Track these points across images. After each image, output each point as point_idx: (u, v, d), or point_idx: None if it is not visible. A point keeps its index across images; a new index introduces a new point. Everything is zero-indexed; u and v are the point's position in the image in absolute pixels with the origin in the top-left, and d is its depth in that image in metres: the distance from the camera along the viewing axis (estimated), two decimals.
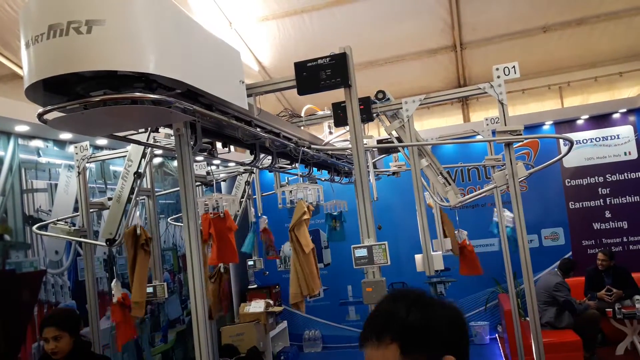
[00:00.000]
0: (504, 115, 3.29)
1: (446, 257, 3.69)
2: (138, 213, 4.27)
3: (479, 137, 5.09)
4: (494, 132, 4.09)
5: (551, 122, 7.10)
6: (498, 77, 3.30)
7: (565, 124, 7.14)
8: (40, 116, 1.95)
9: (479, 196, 3.98)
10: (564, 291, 5.67)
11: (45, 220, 4.08)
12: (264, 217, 5.62)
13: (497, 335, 6.99)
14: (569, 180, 7.12)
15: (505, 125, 3.27)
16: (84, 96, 1.91)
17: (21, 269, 4.00)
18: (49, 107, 1.92)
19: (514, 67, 3.32)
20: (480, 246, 5.88)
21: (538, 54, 6.92)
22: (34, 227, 3.83)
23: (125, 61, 1.79)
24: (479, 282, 6.71)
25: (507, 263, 4.61)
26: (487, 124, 4.57)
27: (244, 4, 5.96)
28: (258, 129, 2.99)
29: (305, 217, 3.33)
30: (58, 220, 3.85)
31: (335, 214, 5.13)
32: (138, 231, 3.63)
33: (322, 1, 5.95)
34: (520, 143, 6.81)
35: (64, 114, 1.98)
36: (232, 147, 3.20)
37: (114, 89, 1.89)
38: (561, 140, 7.02)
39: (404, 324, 1.06)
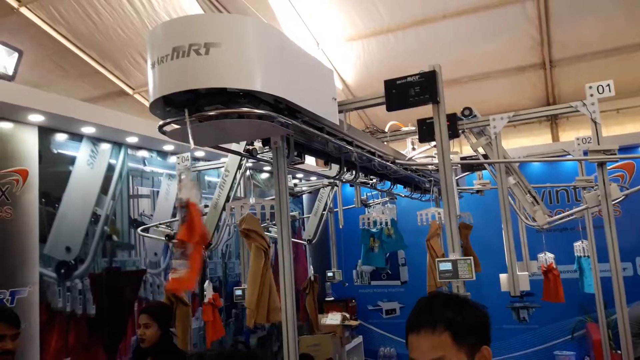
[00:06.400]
0: (597, 134, 3.19)
1: (530, 282, 3.59)
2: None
3: (569, 157, 4.92)
4: (585, 153, 3.95)
5: None
6: (591, 95, 3.22)
7: None
8: (160, 128, 2.20)
9: (569, 218, 3.85)
10: None
11: (147, 224, 4.47)
12: None
13: None
14: None
15: (599, 144, 3.18)
16: (198, 111, 2.14)
17: (125, 267, 4.39)
18: (168, 120, 2.16)
19: (608, 85, 3.22)
20: (568, 272, 5.61)
21: (634, 72, 6.57)
22: (139, 230, 4.21)
23: (237, 79, 1.99)
24: (565, 309, 6.38)
25: (597, 291, 4.40)
26: (579, 144, 4.41)
27: (331, 24, 6.21)
28: (349, 145, 3.14)
29: (438, 231, 4.31)
30: (160, 224, 4.21)
31: (374, 230, 4.35)
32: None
33: (408, 20, 6.06)
34: (615, 165, 6.47)
35: (178, 127, 2.23)
36: (307, 159, 3.32)
37: (222, 104, 2.11)
38: None
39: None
